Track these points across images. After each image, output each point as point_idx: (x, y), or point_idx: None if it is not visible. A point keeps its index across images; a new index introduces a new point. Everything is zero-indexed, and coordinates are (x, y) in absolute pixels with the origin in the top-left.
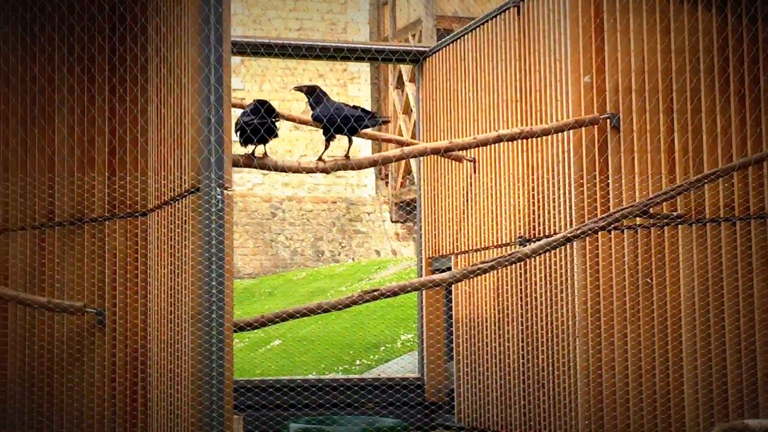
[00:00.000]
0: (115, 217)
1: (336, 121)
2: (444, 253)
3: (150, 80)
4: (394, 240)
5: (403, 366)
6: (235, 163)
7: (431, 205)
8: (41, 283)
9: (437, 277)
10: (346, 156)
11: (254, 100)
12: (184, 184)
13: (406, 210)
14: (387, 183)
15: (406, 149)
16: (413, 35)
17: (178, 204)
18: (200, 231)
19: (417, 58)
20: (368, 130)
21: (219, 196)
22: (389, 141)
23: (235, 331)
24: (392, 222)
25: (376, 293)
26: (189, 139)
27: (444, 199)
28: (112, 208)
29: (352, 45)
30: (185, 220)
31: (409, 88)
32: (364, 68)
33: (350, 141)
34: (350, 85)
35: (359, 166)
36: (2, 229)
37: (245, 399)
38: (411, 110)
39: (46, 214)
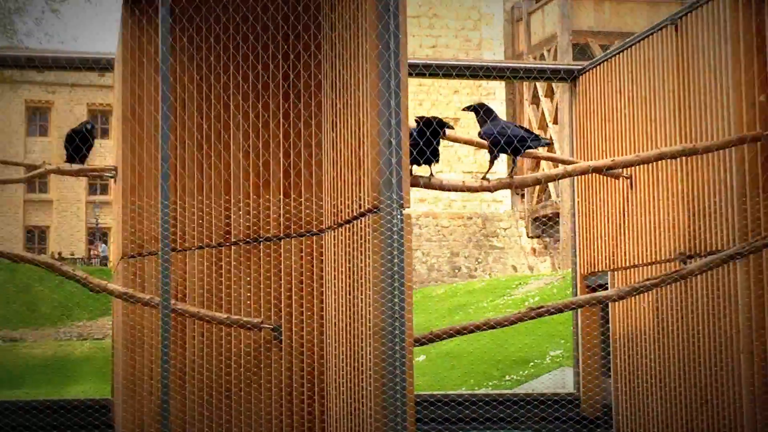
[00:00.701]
0: (289, 236)
1: (502, 139)
2: (600, 269)
3: (323, 104)
4: (530, 255)
5: (554, 381)
6: (414, 184)
7: (586, 221)
8: (218, 300)
9: (601, 294)
10: (510, 175)
11: (417, 119)
12: (364, 204)
13: (543, 225)
14: (523, 198)
15: (569, 168)
16: (548, 50)
17: (357, 223)
18: (382, 249)
19: (569, 76)
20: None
21: (400, 216)
22: (550, 159)
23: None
24: (528, 237)
25: (542, 310)
26: (370, 161)
27: (600, 215)
28: (286, 228)
29: (508, 64)
30: (365, 239)
31: (545, 103)
32: (499, 84)
33: (514, 161)
34: (486, 101)
35: (523, 184)
36: (181, 249)
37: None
38: (547, 125)
39: (222, 234)
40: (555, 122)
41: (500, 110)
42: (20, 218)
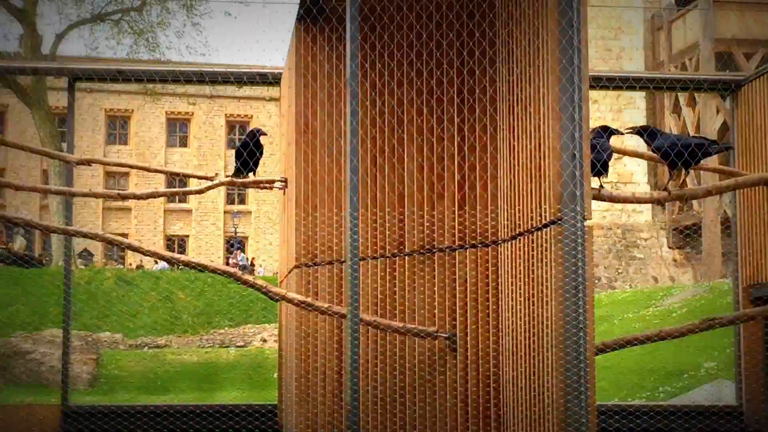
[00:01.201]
0: (463, 247)
1: (681, 149)
2: (765, 280)
3: (497, 118)
4: (671, 266)
5: (711, 394)
6: (595, 197)
7: (748, 232)
8: (392, 309)
9: None
10: (681, 186)
11: (595, 129)
12: (545, 216)
13: (684, 236)
14: (664, 208)
15: (740, 179)
16: (690, 59)
17: (537, 235)
18: (564, 260)
19: (730, 86)
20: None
21: (582, 227)
22: (717, 171)
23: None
24: (669, 248)
25: (714, 322)
26: (552, 174)
27: (764, 225)
28: (460, 239)
29: (666, 75)
30: (547, 250)
31: (686, 112)
32: (639, 93)
33: (687, 171)
34: (626, 111)
35: (694, 196)
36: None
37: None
38: (688, 134)
39: (396, 244)
40: (697, 131)
41: (640, 119)
42: (161, 227)
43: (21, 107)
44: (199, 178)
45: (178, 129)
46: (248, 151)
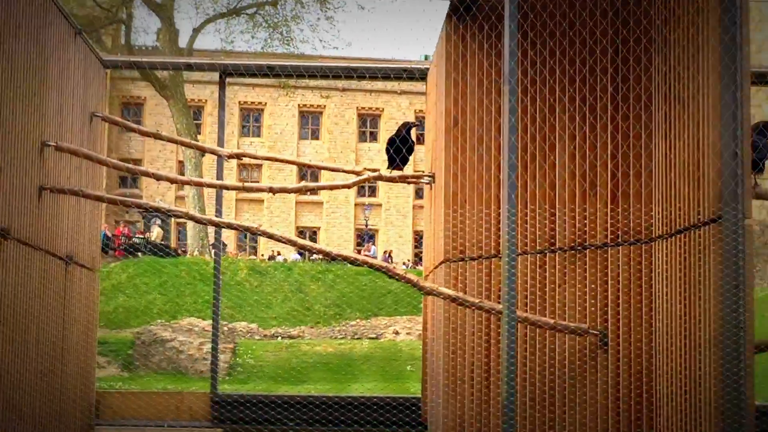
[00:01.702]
0: (617, 244)
1: None
2: None
3: (653, 115)
4: None
5: None
6: (757, 195)
7: None
8: (543, 305)
9: None
10: None
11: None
12: (705, 214)
13: None
14: None
15: None
16: None
17: (695, 233)
18: (725, 259)
19: None
20: None
21: (743, 226)
22: None
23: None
24: None
25: None
26: (713, 173)
27: None
28: (613, 236)
29: None
30: (706, 249)
31: None
32: None
33: None
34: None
35: None
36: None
37: None
38: None
39: (547, 241)
40: None
41: None
42: (292, 219)
43: (158, 99)
44: (348, 172)
45: (310, 122)
46: (397, 146)
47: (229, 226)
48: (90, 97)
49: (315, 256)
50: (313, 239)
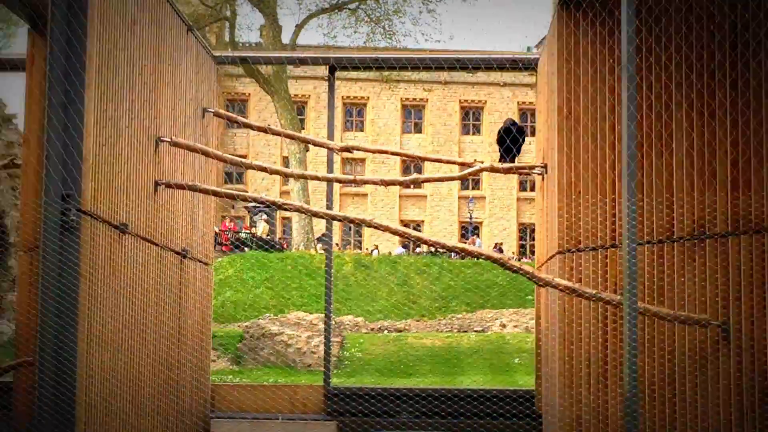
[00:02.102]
0: (738, 233)
1: None
2: None
3: None
4: None
5: None
6: None
7: None
8: (661, 295)
9: None
10: None
11: None
12: None
13: None
14: None
15: None
16: None
17: None
18: None
19: None
20: None
21: None
22: None
23: None
24: None
25: None
26: None
27: None
28: (735, 225)
29: None
30: None
31: None
32: None
33: None
34: None
35: None
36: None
37: None
38: None
39: (665, 230)
40: None
41: None
42: (396, 213)
43: (262, 96)
44: (460, 164)
45: (413, 115)
46: (507, 138)
47: (346, 219)
48: (201, 93)
49: (419, 249)
50: (418, 231)
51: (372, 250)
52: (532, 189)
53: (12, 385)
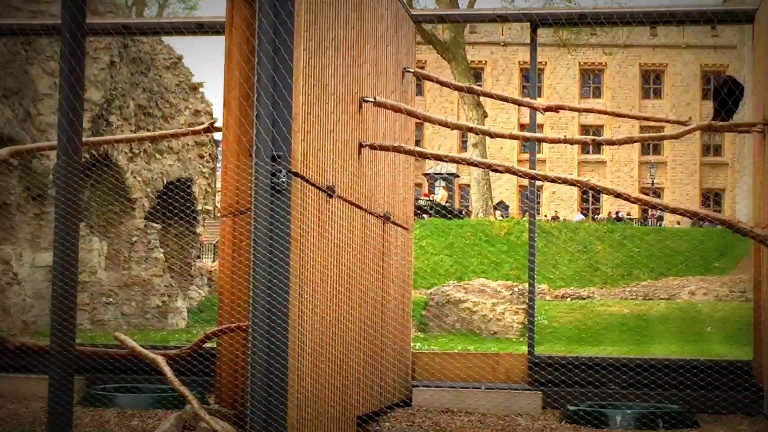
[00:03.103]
0: None
1: None
2: None
3: None
4: None
5: None
6: None
7: None
8: None
9: None
10: None
11: None
12: None
13: None
14: None
15: None
16: None
17: None
18: None
19: None
20: None
21: None
22: None
23: None
24: None
25: None
26: None
27: None
28: None
29: None
30: None
31: None
32: None
33: None
34: None
35: None
36: None
37: None
38: None
39: None
40: None
41: None
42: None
43: (439, 62)
44: (674, 122)
45: (591, 80)
46: (727, 91)
47: (564, 181)
48: (401, 53)
49: (599, 216)
50: (598, 196)
51: (556, 217)
52: (716, 154)
53: (215, 351)
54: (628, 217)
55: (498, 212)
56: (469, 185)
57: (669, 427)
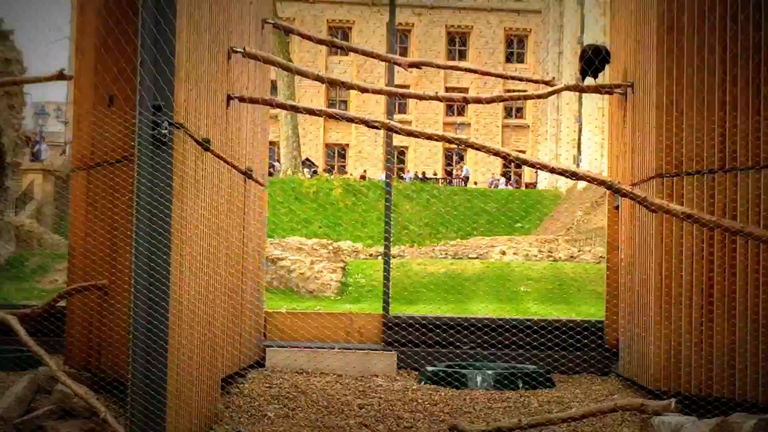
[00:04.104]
0: None
1: None
2: None
3: None
4: None
5: None
6: None
7: None
8: None
9: None
10: None
11: None
12: None
13: None
14: None
15: None
16: None
17: None
18: None
19: None
20: None
21: None
22: None
23: None
24: None
25: None
26: None
27: None
28: None
29: None
30: None
31: None
32: None
33: None
34: None
35: None
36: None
37: None
38: None
39: None
40: None
41: None
42: (381, 139)
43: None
44: (538, 82)
45: (398, 40)
46: (592, 50)
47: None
48: (262, 3)
49: (405, 175)
50: (401, 159)
51: (363, 176)
52: (519, 116)
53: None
54: (434, 176)
55: (305, 170)
56: (277, 144)
57: (528, 388)
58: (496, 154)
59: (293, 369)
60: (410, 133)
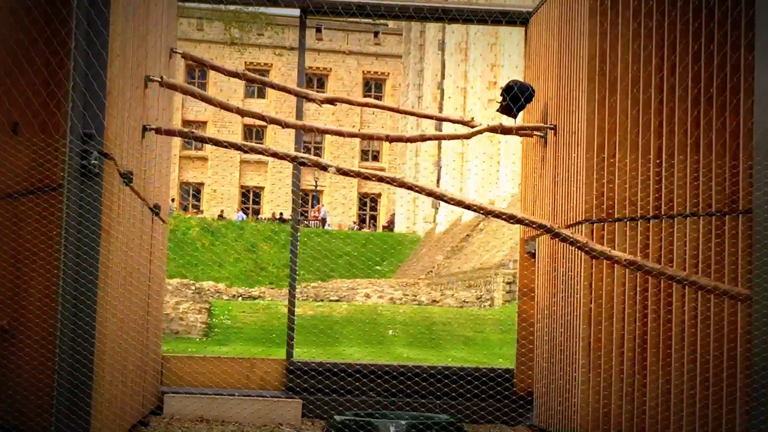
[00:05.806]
0: None
1: None
2: None
3: None
4: None
5: None
6: None
7: None
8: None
9: None
10: None
11: None
12: None
13: None
14: None
15: None
16: None
17: None
18: None
19: None
20: None
21: None
22: None
23: None
24: None
25: None
26: None
27: None
28: None
29: None
30: None
31: None
32: None
33: None
34: None
35: None
36: (668, 215)
37: None
38: None
39: (726, 202)
40: None
41: None
42: (236, 179)
43: None
44: (457, 122)
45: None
46: (519, 86)
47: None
48: (170, 32)
49: (261, 216)
50: (258, 197)
51: (221, 215)
52: (375, 159)
53: None
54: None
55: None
56: None
57: None
58: (430, 194)
59: (192, 417)
60: (346, 173)
